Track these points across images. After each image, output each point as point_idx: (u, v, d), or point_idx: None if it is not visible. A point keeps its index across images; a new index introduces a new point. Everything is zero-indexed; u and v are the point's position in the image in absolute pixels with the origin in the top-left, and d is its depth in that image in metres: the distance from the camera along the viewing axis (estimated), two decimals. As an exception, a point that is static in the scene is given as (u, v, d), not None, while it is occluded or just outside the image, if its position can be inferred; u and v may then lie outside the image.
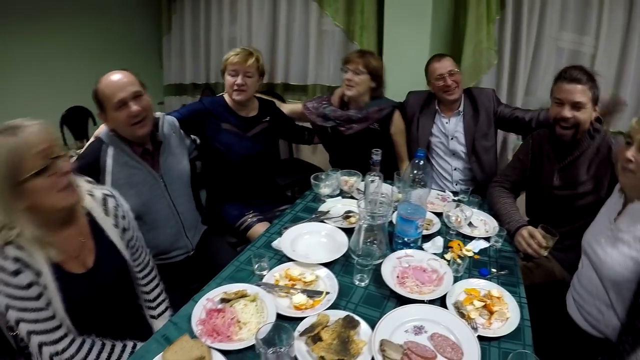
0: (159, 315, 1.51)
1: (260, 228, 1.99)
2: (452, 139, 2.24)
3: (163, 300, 1.54)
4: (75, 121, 3.90)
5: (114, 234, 1.37)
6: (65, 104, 3.87)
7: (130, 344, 1.33)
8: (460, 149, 2.23)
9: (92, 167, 1.57)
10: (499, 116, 2.19)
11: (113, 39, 4.35)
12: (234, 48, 2.09)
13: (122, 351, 1.30)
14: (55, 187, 1.14)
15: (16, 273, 1.13)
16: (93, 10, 4.15)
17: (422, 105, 2.29)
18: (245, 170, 2.16)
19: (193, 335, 1.09)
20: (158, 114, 1.83)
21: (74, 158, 1.76)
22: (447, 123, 2.25)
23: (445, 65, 2.15)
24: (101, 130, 1.72)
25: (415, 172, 1.42)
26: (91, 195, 1.34)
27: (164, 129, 1.83)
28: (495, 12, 2.60)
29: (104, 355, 1.28)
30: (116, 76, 1.61)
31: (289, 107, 2.42)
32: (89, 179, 1.38)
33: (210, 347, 1.05)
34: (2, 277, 1.12)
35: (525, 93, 2.71)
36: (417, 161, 1.43)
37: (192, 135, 2.05)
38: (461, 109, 2.23)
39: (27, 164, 1.09)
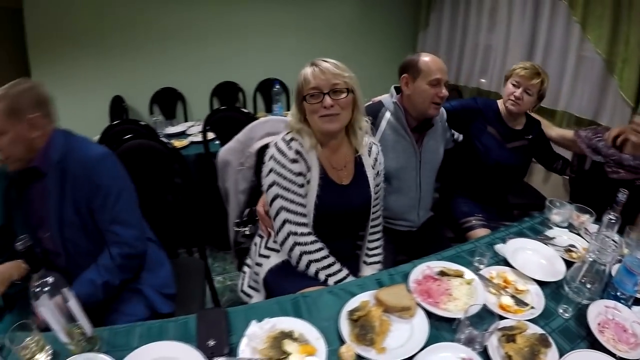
0: (370, 263, 1.74)
1: (480, 232, 2.09)
2: None
3: (378, 254, 1.77)
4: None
5: (370, 172, 1.67)
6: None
7: (345, 272, 1.59)
8: None
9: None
10: None
11: (371, 24, 4.79)
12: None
13: (338, 272, 1.58)
14: (316, 113, 1.49)
15: (293, 161, 1.52)
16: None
17: None
18: (493, 177, 2.24)
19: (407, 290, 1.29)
20: None
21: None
22: None
23: None
24: (383, 96, 2.03)
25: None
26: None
27: (438, 117, 2.04)
28: None
29: (331, 268, 1.58)
30: (440, 60, 1.88)
31: (558, 131, 2.38)
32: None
33: (418, 304, 1.23)
34: (282, 159, 1.52)
35: None
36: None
37: (452, 130, 2.20)
38: None
39: (305, 89, 1.48)
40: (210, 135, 3.14)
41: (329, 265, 1.58)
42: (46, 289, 1.11)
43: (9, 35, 4.27)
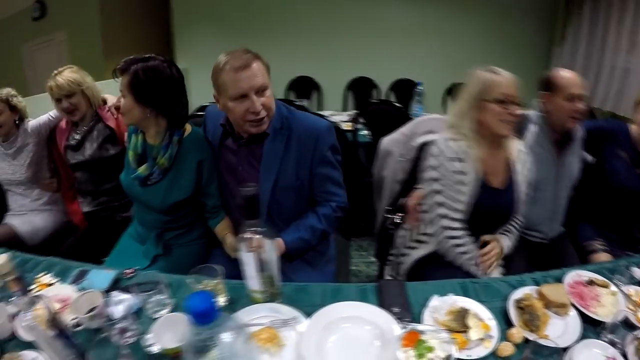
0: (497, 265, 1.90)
1: (602, 257, 2.09)
2: None
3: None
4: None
5: (521, 179, 1.85)
6: (451, 79, 4.62)
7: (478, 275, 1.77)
8: None
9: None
10: None
11: (505, 37, 4.83)
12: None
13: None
14: (499, 116, 1.65)
15: (457, 160, 1.69)
16: (492, 2, 4.70)
17: None
18: (618, 202, 2.21)
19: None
20: None
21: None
22: None
23: None
24: (530, 110, 2.14)
25: None
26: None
27: (578, 133, 2.15)
28: None
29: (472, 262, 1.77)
30: (576, 75, 1.99)
31: None
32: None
33: (572, 304, 1.42)
34: (447, 156, 1.69)
35: None
36: None
37: (585, 152, 2.25)
38: None
39: (493, 92, 1.65)
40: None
41: (474, 258, 1.80)
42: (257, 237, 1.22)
43: (156, 10, 4.75)
